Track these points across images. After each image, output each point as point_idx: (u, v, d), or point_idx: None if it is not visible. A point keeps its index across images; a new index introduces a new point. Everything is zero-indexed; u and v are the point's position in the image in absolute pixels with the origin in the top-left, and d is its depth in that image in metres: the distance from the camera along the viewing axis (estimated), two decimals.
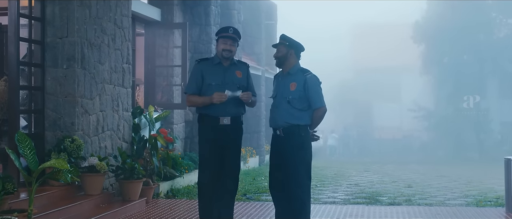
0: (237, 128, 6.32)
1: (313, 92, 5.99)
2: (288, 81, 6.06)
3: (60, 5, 7.52)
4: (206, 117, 6.22)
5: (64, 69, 7.54)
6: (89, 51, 7.84)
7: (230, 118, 6.17)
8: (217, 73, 6.23)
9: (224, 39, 6.20)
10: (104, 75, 8.24)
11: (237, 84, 6.23)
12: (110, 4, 8.41)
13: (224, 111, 6.15)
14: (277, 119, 6.07)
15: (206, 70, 6.25)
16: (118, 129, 8.69)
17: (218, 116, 6.14)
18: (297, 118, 5.99)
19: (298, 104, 5.98)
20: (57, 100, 7.56)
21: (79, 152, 7.37)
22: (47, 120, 7.58)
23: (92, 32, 7.91)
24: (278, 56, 6.15)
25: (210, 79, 6.21)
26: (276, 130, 6.11)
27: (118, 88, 8.66)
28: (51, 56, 7.55)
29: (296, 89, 5.99)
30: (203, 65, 6.30)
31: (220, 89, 6.13)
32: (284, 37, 6.17)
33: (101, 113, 8.19)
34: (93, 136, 7.99)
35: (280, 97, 6.07)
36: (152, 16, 11.04)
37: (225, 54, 6.19)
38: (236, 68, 6.33)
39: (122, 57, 8.80)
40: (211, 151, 6.20)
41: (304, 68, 6.13)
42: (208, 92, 6.16)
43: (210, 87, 6.17)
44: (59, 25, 7.53)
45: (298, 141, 5.98)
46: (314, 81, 6.03)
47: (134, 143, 9.06)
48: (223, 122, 6.15)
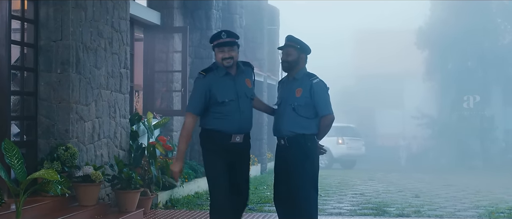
0: (248, 145, 5.63)
1: (320, 99, 5.54)
2: (293, 87, 5.60)
3: (55, 7, 7.17)
4: (216, 134, 5.42)
5: (58, 74, 7.18)
6: (85, 55, 7.49)
7: (244, 135, 5.47)
8: (227, 86, 5.43)
9: (220, 47, 5.41)
10: (100, 80, 7.89)
11: (250, 96, 5.54)
12: (107, 6, 8.06)
13: (239, 127, 5.42)
14: (282, 127, 5.60)
15: (215, 85, 5.40)
16: (115, 137, 8.34)
17: (232, 132, 5.40)
18: (303, 127, 5.52)
19: (304, 112, 5.52)
20: (51, 107, 7.20)
21: (73, 161, 7.02)
22: (40, 127, 7.22)
23: (88, 35, 7.56)
24: (288, 61, 5.62)
25: (222, 95, 5.38)
26: (281, 140, 5.64)
27: (115, 94, 8.31)
28: (45, 60, 7.19)
29: (302, 96, 5.52)
30: (211, 79, 5.42)
31: (235, 106, 5.39)
32: (294, 40, 5.66)
33: (97, 119, 7.83)
34: (88, 144, 7.63)
35: (284, 105, 5.60)
36: (152, 20, 10.71)
37: (227, 63, 5.38)
38: (244, 76, 5.56)
39: (120, 61, 8.45)
40: (221, 172, 5.42)
41: (310, 73, 5.67)
42: (219, 110, 5.40)
43: (223, 105, 5.39)
44: (53, 27, 7.17)
45: (304, 151, 5.51)
46: (321, 87, 5.58)
47: (131, 151, 8.71)
48: (235, 140, 5.42)
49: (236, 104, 5.41)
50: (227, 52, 5.41)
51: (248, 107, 5.50)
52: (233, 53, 5.42)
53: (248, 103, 5.51)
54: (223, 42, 5.41)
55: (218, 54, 5.44)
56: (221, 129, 5.39)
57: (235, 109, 5.39)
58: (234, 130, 5.39)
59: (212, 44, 5.48)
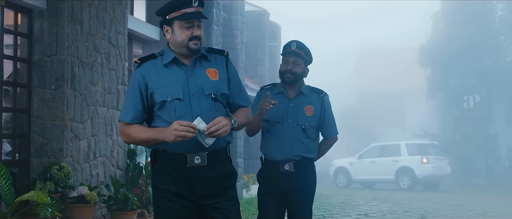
0: (221, 169, 3.61)
1: (330, 118, 4.91)
2: (300, 104, 4.79)
3: (49, 21, 6.90)
4: (162, 157, 3.60)
5: (53, 90, 6.90)
6: (80, 70, 7.21)
7: (207, 154, 3.53)
8: (172, 79, 3.61)
9: (187, 20, 3.56)
10: (96, 97, 7.60)
11: (212, 93, 3.58)
12: (104, 21, 7.80)
13: (195, 140, 3.46)
14: (288, 150, 4.73)
15: (154, 76, 3.61)
16: (111, 155, 8.04)
17: (184, 150, 3.52)
18: (310, 150, 4.82)
19: (312, 133, 4.82)
20: (44, 124, 6.90)
21: (67, 181, 6.71)
22: (33, 145, 6.92)
23: (84, 50, 7.29)
24: (295, 72, 4.76)
25: (161, 92, 3.59)
26: (284, 164, 4.74)
27: (112, 111, 8.02)
28: (39, 76, 6.91)
29: (313, 115, 4.80)
30: (148, 69, 3.62)
31: (183, 107, 3.55)
32: (304, 48, 4.84)
33: (93, 137, 7.54)
34: (83, 163, 7.33)
35: (292, 124, 4.74)
36: (151, 35, 10.43)
37: (194, 44, 3.56)
38: (205, 65, 3.66)
39: (117, 77, 8.18)
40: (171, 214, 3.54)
41: (315, 87, 4.94)
42: (161, 116, 3.59)
43: (164, 108, 3.58)
44: (47, 42, 6.90)
45: (312, 178, 4.86)
46: (330, 103, 4.97)
47: (129, 171, 8.40)
48: (194, 163, 3.52)
49: (185, 105, 3.52)
50: (196, 26, 3.56)
51: (208, 109, 3.54)
52: (201, 31, 3.60)
53: (208, 102, 3.55)
54: (194, 12, 3.55)
55: (181, 31, 3.54)
56: (168, 147, 3.52)
57: (184, 113, 3.50)
58: (186, 145, 3.48)
59: (170, 15, 3.56)
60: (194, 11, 3.54)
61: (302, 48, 4.81)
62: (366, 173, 24.09)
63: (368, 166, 24.02)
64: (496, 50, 27.84)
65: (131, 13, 9.73)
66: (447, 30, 28.66)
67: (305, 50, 4.82)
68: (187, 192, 3.51)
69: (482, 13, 27.87)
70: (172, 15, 3.54)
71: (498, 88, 27.75)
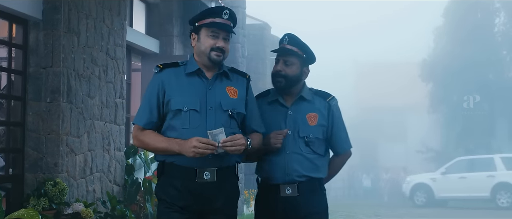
0: (229, 188, 3.56)
1: (340, 129, 3.94)
2: (302, 111, 3.86)
3: (45, 31, 6.69)
4: (171, 170, 3.51)
5: (48, 103, 6.67)
6: (77, 83, 7.00)
7: (216, 169, 3.47)
8: (191, 89, 3.56)
9: (214, 28, 3.53)
10: (93, 110, 7.38)
11: (229, 109, 3.56)
12: (102, 32, 7.60)
13: (206, 158, 3.41)
14: (288, 169, 3.77)
15: (173, 84, 3.57)
16: (109, 171, 7.80)
17: (194, 165, 3.44)
18: (318, 168, 3.84)
19: (318, 147, 3.85)
20: (39, 138, 6.67)
21: (62, 197, 6.48)
22: (27, 160, 6.69)
23: (81, 62, 7.08)
24: (287, 75, 3.80)
25: (178, 100, 3.54)
26: (286, 188, 3.76)
27: (109, 125, 7.80)
28: (34, 88, 6.69)
29: (318, 124, 3.84)
30: (168, 75, 3.60)
31: (197, 119, 3.52)
32: (299, 43, 3.85)
33: (89, 152, 7.31)
34: (79, 179, 7.10)
35: (293, 137, 3.80)
36: (150, 48, 10.26)
37: (216, 56, 3.53)
38: (226, 83, 3.64)
39: (115, 91, 7.96)
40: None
41: (319, 90, 3.99)
42: (175, 126, 3.55)
43: (179, 118, 3.53)
44: (43, 53, 6.69)
45: (323, 203, 3.88)
46: (339, 110, 3.98)
47: (126, 187, 8.17)
48: (203, 178, 3.44)
49: (200, 118, 3.45)
50: (222, 39, 3.52)
51: (223, 125, 3.45)
52: (227, 45, 3.57)
53: (223, 118, 3.48)
54: (222, 23, 3.51)
55: (206, 39, 3.51)
56: (176, 160, 3.44)
57: (199, 125, 3.43)
58: (198, 160, 3.39)
59: (199, 23, 3.54)
60: (222, 22, 3.52)
61: (296, 43, 3.85)
62: (454, 190, 21.56)
63: (456, 183, 21.47)
64: (498, 65, 27.77)
65: (130, 25, 9.55)
66: (449, 45, 28.61)
67: (301, 46, 3.86)
68: (193, 206, 3.47)
69: (483, 28, 27.80)
70: (201, 22, 3.55)
71: (501, 103, 27.60)
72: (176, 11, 10.81)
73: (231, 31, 3.55)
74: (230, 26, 3.54)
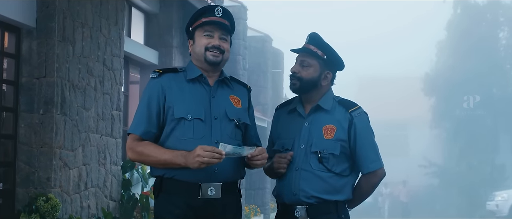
0: (233, 204, 3.26)
1: (365, 144, 3.36)
2: (319, 123, 3.36)
3: (38, 40, 6.43)
4: (172, 186, 3.15)
5: (41, 115, 6.40)
6: (72, 94, 6.72)
7: (222, 185, 3.15)
8: (194, 96, 3.24)
9: (207, 26, 3.23)
10: (89, 122, 7.11)
11: (235, 119, 3.26)
12: (99, 42, 7.34)
13: (212, 169, 3.09)
14: (295, 188, 3.30)
15: (174, 90, 3.25)
16: (104, 186, 7.52)
17: (198, 180, 3.10)
18: (335, 189, 3.31)
19: (336, 164, 3.31)
20: (31, 152, 6.39)
21: (54, 213, 6.19)
22: (18, 175, 6.41)
23: (76, 72, 6.81)
24: (302, 77, 3.36)
25: (181, 108, 3.21)
26: (294, 210, 3.31)
27: (105, 139, 7.52)
28: (26, 99, 6.42)
29: (335, 138, 3.31)
30: (168, 81, 3.28)
31: (202, 129, 3.18)
32: (321, 43, 3.39)
33: (84, 166, 7.03)
34: (73, 194, 6.81)
35: (304, 152, 3.33)
36: (149, 59, 10.01)
37: (213, 56, 3.21)
38: (228, 91, 3.35)
39: (112, 102, 7.70)
40: None
41: (344, 99, 3.49)
42: (176, 136, 3.20)
43: (183, 127, 3.20)
44: (36, 63, 6.42)
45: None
46: (366, 123, 3.42)
47: (122, 202, 7.89)
48: (207, 194, 3.11)
49: (205, 127, 3.15)
50: (217, 38, 3.22)
51: (229, 135, 3.19)
52: (226, 45, 3.24)
53: (229, 128, 3.21)
54: (216, 21, 3.22)
55: (200, 40, 3.21)
56: (176, 175, 3.11)
57: (204, 135, 3.14)
58: (202, 174, 3.08)
59: (193, 26, 3.27)
60: (216, 20, 3.22)
61: (318, 43, 3.37)
62: None
63: None
64: (502, 78, 27.62)
65: (128, 35, 9.31)
66: (451, 59, 28.47)
67: (323, 47, 3.37)
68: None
69: (486, 42, 27.67)
70: (194, 25, 3.27)
71: (504, 117, 27.38)
72: (176, 21, 10.57)
73: (227, 29, 3.24)
74: (225, 23, 3.23)
